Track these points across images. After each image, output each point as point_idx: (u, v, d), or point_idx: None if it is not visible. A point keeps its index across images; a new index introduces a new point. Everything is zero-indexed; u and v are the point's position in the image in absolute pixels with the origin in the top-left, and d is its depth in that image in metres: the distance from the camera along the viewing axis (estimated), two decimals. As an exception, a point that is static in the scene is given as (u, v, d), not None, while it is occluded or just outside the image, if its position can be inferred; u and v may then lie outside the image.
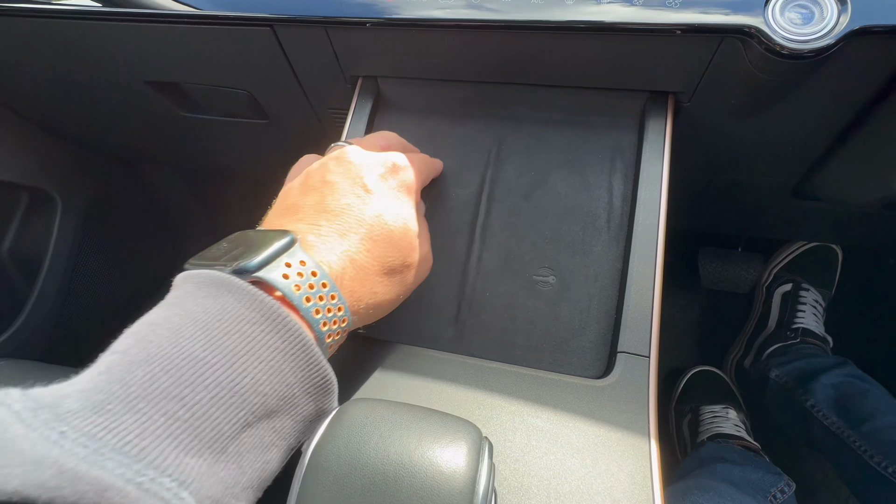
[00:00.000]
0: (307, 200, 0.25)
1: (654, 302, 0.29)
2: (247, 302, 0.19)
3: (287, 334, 0.19)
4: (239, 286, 0.19)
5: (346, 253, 0.23)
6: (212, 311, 0.19)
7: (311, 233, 0.23)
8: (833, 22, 0.29)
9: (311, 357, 0.20)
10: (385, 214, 0.25)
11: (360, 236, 0.24)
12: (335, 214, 0.24)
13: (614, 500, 0.22)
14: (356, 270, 0.23)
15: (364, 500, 0.16)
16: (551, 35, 0.34)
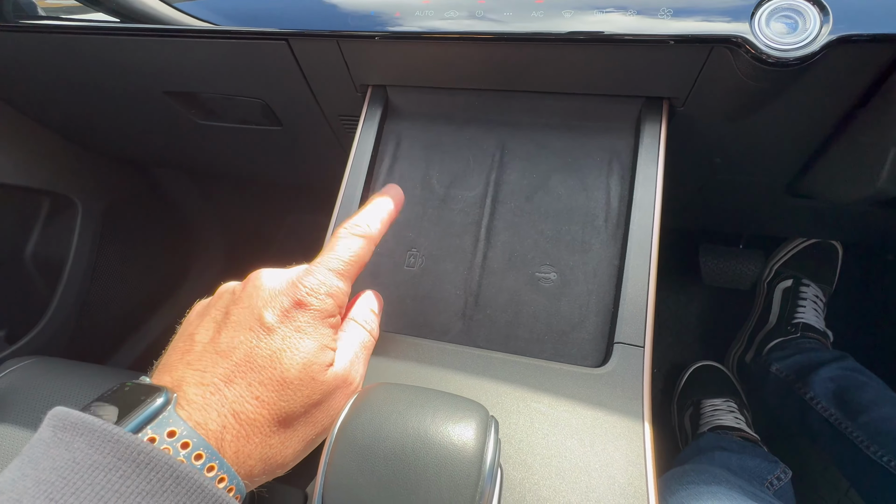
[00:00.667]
0: (201, 336, 0.23)
1: (649, 296, 0.32)
2: (98, 445, 0.17)
3: (152, 471, 0.17)
4: (92, 426, 0.17)
5: (230, 407, 0.20)
6: (61, 465, 0.17)
7: (193, 383, 0.21)
8: (815, 31, 0.31)
9: (193, 484, 0.17)
10: (281, 354, 0.22)
11: (247, 382, 0.21)
12: (224, 356, 0.21)
13: (610, 476, 0.24)
14: (240, 427, 0.20)
15: (387, 467, 0.18)
16: (551, 46, 0.36)
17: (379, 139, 0.42)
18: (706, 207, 0.61)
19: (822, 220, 0.60)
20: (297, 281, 0.24)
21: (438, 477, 0.18)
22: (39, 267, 0.79)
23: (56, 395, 0.53)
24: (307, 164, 0.69)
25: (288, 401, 0.22)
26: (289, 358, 0.22)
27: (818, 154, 0.42)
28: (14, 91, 0.66)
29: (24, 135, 0.72)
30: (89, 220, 0.82)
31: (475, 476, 0.18)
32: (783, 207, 0.54)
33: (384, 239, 0.39)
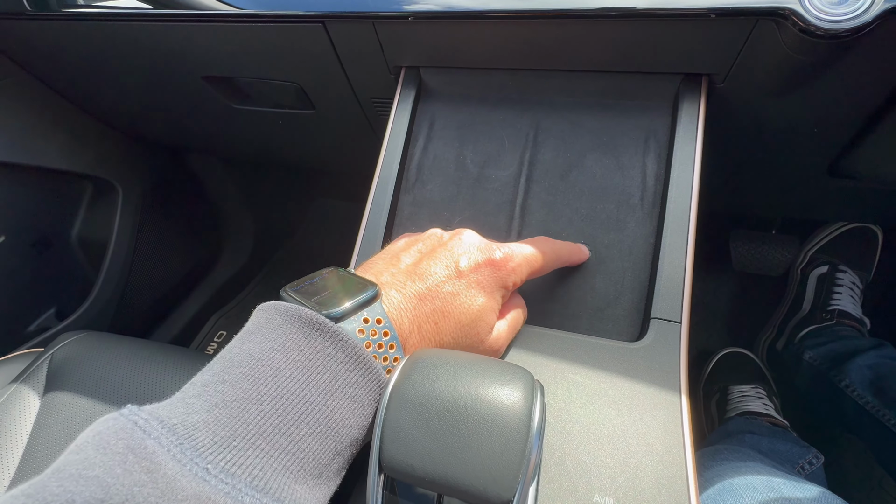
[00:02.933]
0: (406, 259, 0.27)
1: (687, 273, 0.32)
2: (335, 343, 0.22)
3: (367, 372, 0.22)
4: (328, 328, 0.22)
5: (417, 320, 0.25)
6: (306, 350, 0.21)
7: (394, 288, 0.26)
8: (868, 0, 0.30)
9: (383, 385, 0.23)
10: (461, 297, 0.26)
11: (433, 307, 0.25)
12: (421, 278, 0.26)
13: (647, 444, 0.25)
14: (419, 337, 0.25)
15: (440, 423, 0.19)
16: (586, 22, 0.35)
17: (413, 120, 0.43)
18: (743, 189, 0.60)
19: (864, 203, 0.58)
20: (494, 246, 0.28)
21: (490, 432, 0.19)
22: (84, 248, 0.84)
23: (107, 367, 0.56)
24: (337, 149, 0.71)
25: (452, 336, 0.26)
26: (465, 303, 0.26)
27: (865, 131, 0.40)
28: (58, 78, 0.69)
29: (67, 121, 0.75)
30: (129, 204, 0.85)
31: (524, 432, 0.19)
32: (824, 189, 0.52)
33: (420, 218, 0.40)
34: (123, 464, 0.16)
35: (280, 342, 0.21)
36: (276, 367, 0.21)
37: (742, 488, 0.33)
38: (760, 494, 0.32)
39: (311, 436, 0.20)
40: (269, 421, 0.19)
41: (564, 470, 0.24)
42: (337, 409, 0.21)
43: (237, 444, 0.18)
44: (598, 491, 0.23)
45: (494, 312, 0.28)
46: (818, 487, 0.33)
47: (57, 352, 0.59)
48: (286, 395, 0.20)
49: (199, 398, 0.20)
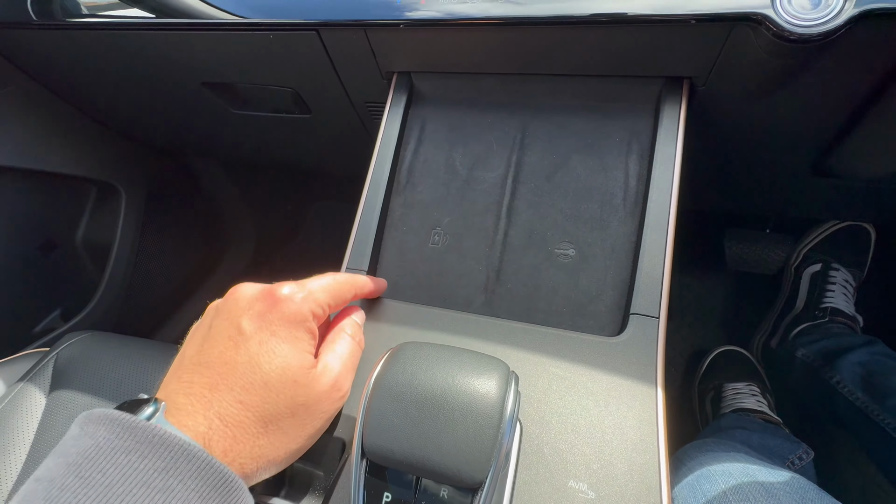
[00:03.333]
0: (188, 351, 0.24)
1: (665, 270, 0.33)
2: (119, 432, 0.19)
3: (166, 451, 0.19)
4: (111, 417, 0.19)
5: (215, 411, 0.22)
6: (86, 450, 0.19)
7: (182, 393, 0.22)
8: (839, 5, 0.31)
9: (202, 462, 0.19)
10: (258, 358, 0.23)
11: (229, 388, 0.22)
12: (207, 367, 0.23)
13: (622, 433, 0.26)
14: (227, 428, 0.22)
15: (419, 410, 0.21)
16: (572, 28, 0.37)
17: (404, 124, 0.44)
18: (730, 188, 0.61)
19: (850, 200, 0.58)
20: (274, 287, 0.25)
21: (465, 418, 0.20)
22: (89, 250, 0.85)
23: (110, 366, 0.58)
24: (334, 151, 0.72)
25: (271, 403, 0.22)
26: (267, 362, 0.23)
27: (845, 131, 0.41)
28: (62, 85, 0.71)
29: (71, 126, 0.77)
30: (133, 207, 0.87)
31: (497, 419, 0.20)
32: (809, 187, 0.53)
33: (410, 218, 0.42)
34: None
35: (64, 451, 0.19)
36: (49, 483, 0.18)
37: (718, 474, 0.34)
38: (734, 479, 0.33)
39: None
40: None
41: (542, 457, 0.25)
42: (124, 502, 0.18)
43: None
44: (573, 477, 0.24)
45: (307, 353, 0.25)
46: (791, 473, 0.34)
47: (62, 351, 0.60)
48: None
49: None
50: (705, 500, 0.33)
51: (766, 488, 0.32)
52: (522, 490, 0.24)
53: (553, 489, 0.24)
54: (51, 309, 0.81)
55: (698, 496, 0.33)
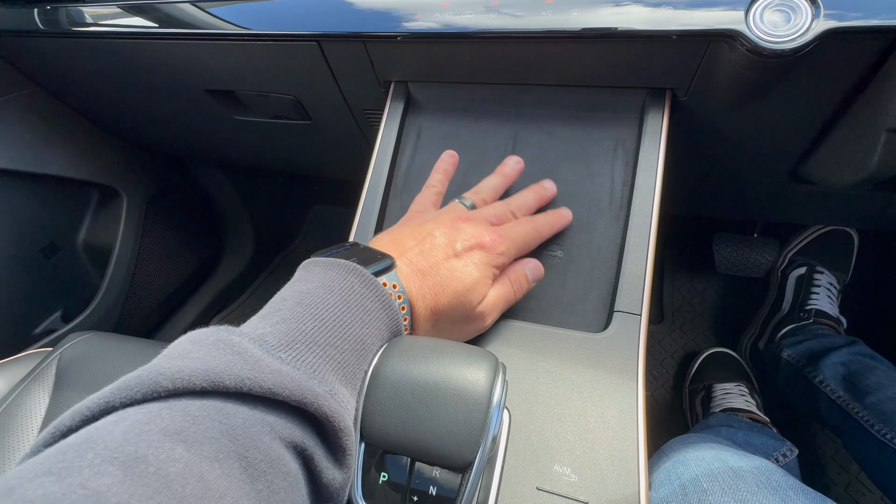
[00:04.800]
0: (413, 244, 0.32)
1: (647, 270, 0.35)
2: (366, 284, 0.27)
3: (390, 312, 0.27)
4: (361, 272, 0.27)
5: (421, 291, 0.30)
6: (345, 287, 0.26)
7: (406, 263, 0.30)
8: (807, 23, 0.33)
9: (400, 329, 0.28)
10: (457, 271, 0.31)
11: (434, 281, 0.30)
12: (425, 259, 0.31)
13: (604, 422, 0.28)
14: (422, 305, 0.30)
15: (413, 397, 0.22)
16: (562, 42, 0.39)
17: (401, 131, 0.46)
18: (715, 195, 0.63)
19: (830, 206, 0.61)
20: (486, 231, 0.33)
21: (456, 404, 0.22)
22: (90, 253, 0.87)
23: (113, 365, 0.59)
24: (332, 157, 0.74)
25: (449, 305, 0.30)
26: (461, 281, 0.30)
27: (819, 140, 0.44)
28: (67, 91, 0.73)
29: (74, 131, 0.79)
30: (133, 210, 0.89)
31: (485, 404, 0.22)
32: (789, 194, 0.56)
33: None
34: (217, 349, 0.21)
35: (323, 282, 0.26)
36: (323, 298, 0.25)
37: (693, 460, 0.36)
38: (707, 463, 0.35)
39: (350, 351, 0.24)
40: (321, 334, 0.24)
41: (529, 444, 0.27)
42: (368, 335, 0.25)
43: (298, 347, 0.23)
44: (558, 462, 0.26)
45: (485, 286, 0.32)
46: (761, 459, 0.36)
47: (65, 351, 0.62)
48: (332, 318, 0.24)
49: (261, 320, 0.24)
50: (679, 483, 0.35)
51: (735, 472, 0.34)
52: (511, 473, 0.26)
53: (539, 472, 0.26)
54: (52, 310, 0.82)
55: (673, 480, 0.35)
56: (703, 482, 0.34)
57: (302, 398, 0.21)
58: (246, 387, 0.19)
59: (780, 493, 0.32)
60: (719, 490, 0.33)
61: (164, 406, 0.18)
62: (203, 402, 0.19)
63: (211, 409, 0.19)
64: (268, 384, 0.20)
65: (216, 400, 0.19)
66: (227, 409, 0.19)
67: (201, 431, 0.18)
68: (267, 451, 0.19)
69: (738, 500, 0.32)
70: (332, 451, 0.22)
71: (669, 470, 0.36)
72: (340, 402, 0.22)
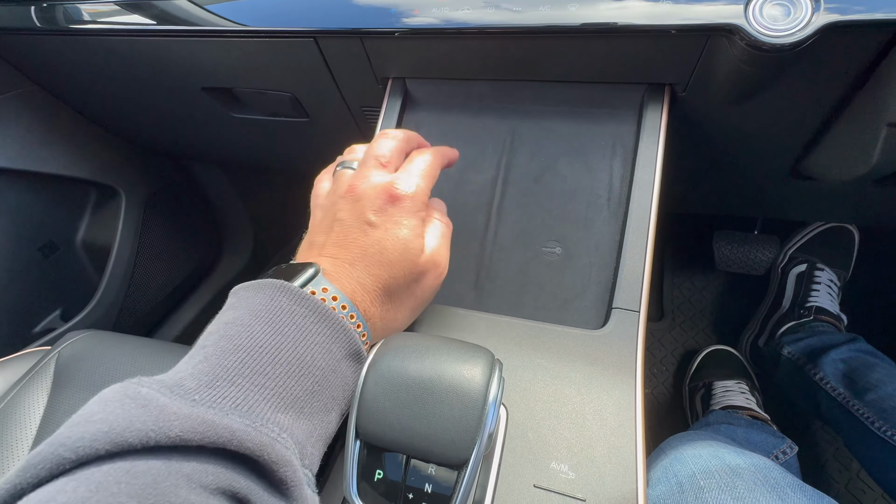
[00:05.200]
0: (325, 239, 0.30)
1: (646, 266, 0.34)
2: (296, 300, 0.25)
3: (330, 322, 0.25)
4: (290, 289, 0.25)
5: (356, 279, 0.28)
6: (272, 308, 0.24)
7: (329, 263, 0.28)
8: (807, 17, 0.33)
9: (349, 337, 0.26)
10: (383, 241, 0.28)
11: (364, 264, 0.28)
12: (344, 248, 0.29)
13: (602, 419, 0.28)
14: (364, 293, 0.28)
15: (408, 395, 0.22)
16: (560, 38, 0.39)
17: (399, 127, 0.46)
18: (715, 191, 0.63)
19: (831, 202, 0.61)
20: (390, 185, 0.30)
21: (451, 402, 0.22)
22: (89, 251, 0.87)
23: (111, 364, 0.59)
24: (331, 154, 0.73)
25: (394, 277, 0.28)
26: (391, 245, 0.28)
27: (820, 135, 0.43)
28: (65, 89, 0.72)
29: (73, 130, 0.79)
30: (132, 209, 0.88)
31: (481, 402, 0.22)
32: (790, 190, 0.55)
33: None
34: (121, 406, 0.19)
35: (250, 307, 0.24)
36: (249, 326, 0.23)
37: (690, 457, 0.36)
38: (704, 461, 0.35)
39: (285, 375, 0.22)
40: (246, 365, 0.22)
41: (526, 442, 0.27)
42: (306, 354, 0.23)
43: (219, 384, 0.21)
44: (555, 459, 0.26)
45: (418, 237, 0.30)
46: (760, 457, 0.36)
47: (64, 349, 0.61)
48: (259, 346, 0.23)
49: (186, 361, 0.23)
50: (676, 480, 0.35)
51: (732, 469, 0.34)
52: (508, 471, 0.25)
53: (536, 470, 0.25)
54: (51, 309, 0.82)
55: (670, 477, 0.35)
56: (699, 480, 0.33)
57: (217, 438, 0.19)
58: (152, 440, 0.18)
59: (778, 490, 0.32)
60: (716, 488, 0.32)
61: (70, 479, 0.17)
62: (110, 466, 0.18)
63: (118, 472, 0.17)
64: (175, 431, 0.19)
65: (124, 461, 0.18)
66: (136, 469, 0.18)
67: (105, 499, 0.17)
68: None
69: (735, 498, 0.31)
70: (273, 485, 0.20)
71: (667, 467, 0.36)
72: (268, 432, 0.20)
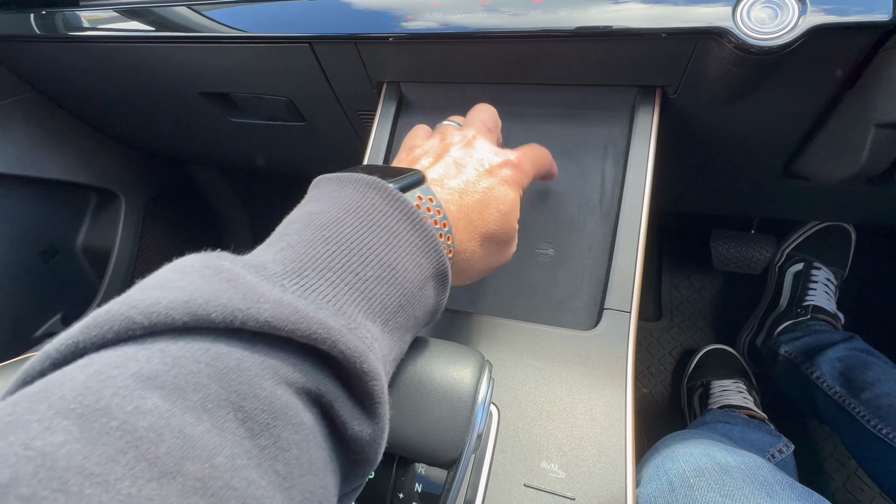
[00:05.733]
0: (429, 160, 0.28)
1: (637, 268, 0.35)
2: (390, 201, 0.22)
3: (423, 233, 0.22)
4: (383, 187, 0.22)
5: (463, 209, 0.26)
6: (365, 206, 0.21)
7: (438, 183, 0.26)
8: (794, 20, 0.33)
9: (439, 255, 0.23)
10: (496, 191, 0.27)
11: (475, 200, 0.27)
12: (455, 176, 0.27)
13: (592, 418, 0.28)
14: (467, 224, 0.26)
15: (399, 395, 0.23)
16: (551, 41, 0.39)
17: (394, 130, 0.46)
18: (710, 191, 0.63)
19: (824, 201, 0.61)
20: (507, 151, 0.30)
21: (441, 402, 0.22)
22: (89, 256, 0.87)
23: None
24: (327, 156, 0.74)
25: (497, 224, 0.27)
26: (502, 196, 0.28)
27: (810, 136, 0.44)
28: (65, 95, 0.73)
29: (72, 135, 0.79)
30: (132, 213, 0.89)
31: (470, 402, 0.22)
32: (784, 189, 0.56)
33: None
34: (203, 276, 0.17)
35: (337, 200, 0.22)
36: (338, 218, 0.21)
37: (681, 455, 0.36)
38: (695, 459, 0.35)
39: (377, 280, 0.20)
40: (336, 259, 0.19)
41: (517, 442, 0.27)
42: (398, 262, 0.21)
43: (307, 274, 0.18)
44: (546, 458, 0.26)
45: (517, 208, 0.30)
46: (752, 455, 0.37)
47: (64, 353, 0.62)
48: (350, 240, 0.20)
49: (264, 248, 0.20)
50: (667, 478, 0.35)
51: (722, 467, 0.34)
52: (499, 470, 0.26)
53: (527, 469, 0.26)
54: (51, 314, 0.82)
55: (661, 475, 0.35)
56: (689, 477, 0.34)
57: (310, 333, 0.17)
58: (238, 320, 0.16)
59: (767, 488, 0.32)
60: (706, 485, 0.33)
61: (141, 347, 0.15)
62: (188, 341, 0.15)
63: (196, 350, 0.15)
64: (265, 316, 0.16)
65: (203, 339, 0.16)
66: (217, 350, 0.15)
67: (183, 376, 0.14)
68: (269, 400, 0.16)
69: (725, 496, 0.32)
70: (357, 398, 0.18)
71: (658, 465, 0.37)
72: (363, 338, 0.18)
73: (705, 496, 0.32)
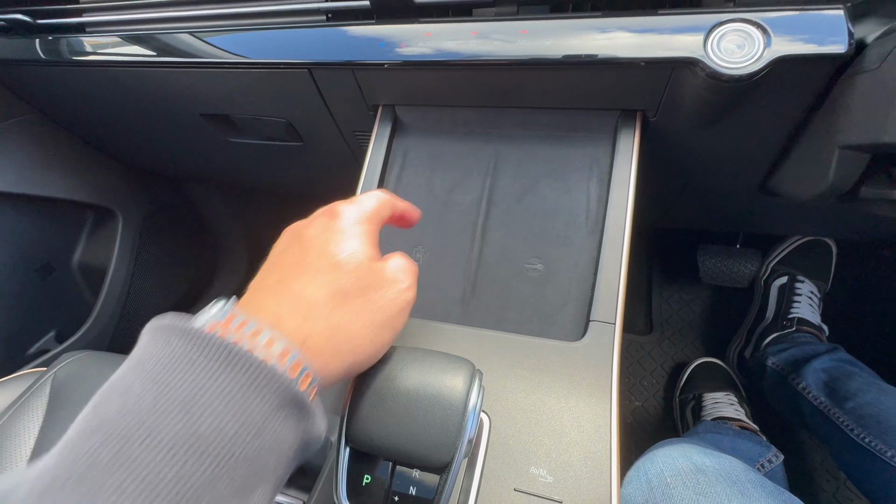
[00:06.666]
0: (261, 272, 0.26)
1: (621, 281, 0.37)
2: (196, 343, 0.19)
3: (244, 365, 0.18)
4: (185, 329, 0.19)
5: (286, 295, 0.22)
6: (163, 359, 0.18)
7: (252, 289, 0.24)
8: (759, 52, 0.36)
9: (278, 379, 0.19)
10: (327, 247, 0.24)
11: (301, 274, 0.23)
12: (278, 268, 0.25)
13: (579, 425, 0.29)
14: (299, 306, 0.22)
15: (394, 403, 0.24)
16: (540, 68, 0.41)
17: (389, 152, 0.48)
18: (693, 207, 0.66)
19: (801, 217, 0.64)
20: (330, 205, 0.28)
21: (434, 409, 0.23)
22: (85, 273, 0.88)
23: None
24: (323, 176, 0.76)
25: (343, 279, 0.23)
26: (335, 249, 0.24)
27: (782, 156, 0.46)
28: (66, 115, 0.75)
29: (71, 154, 0.81)
30: (129, 230, 0.90)
31: (461, 409, 0.23)
32: (762, 206, 0.58)
33: (394, 238, 0.45)
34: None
35: (138, 358, 0.19)
36: (126, 389, 0.18)
37: (661, 456, 0.38)
38: (673, 461, 0.37)
39: (164, 461, 0.16)
40: (104, 453, 0.16)
41: (507, 448, 0.28)
42: (204, 418, 0.17)
43: (54, 493, 0.16)
44: (534, 464, 0.27)
45: (372, 245, 0.26)
46: (731, 458, 0.38)
47: (59, 371, 0.62)
48: (129, 417, 0.17)
49: (53, 451, 0.17)
50: (646, 478, 0.36)
51: (697, 467, 0.35)
52: (489, 475, 0.27)
53: (516, 474, 0.27)
54: (46, 330, 0.82)
55: (641, 476, 0.37)
56: (667, 477, 0.35)
57: None
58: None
59: (739, 485, 0.33)
60: (681, 484, 0.34)
61: None
62: None
63: None
64: None
65: None
66: None
67: None
68: None
69: (699, 493, 0.33)
70: None
71: (639, 467, 0.38)
72: None
73: (680, 494, 0.33)
